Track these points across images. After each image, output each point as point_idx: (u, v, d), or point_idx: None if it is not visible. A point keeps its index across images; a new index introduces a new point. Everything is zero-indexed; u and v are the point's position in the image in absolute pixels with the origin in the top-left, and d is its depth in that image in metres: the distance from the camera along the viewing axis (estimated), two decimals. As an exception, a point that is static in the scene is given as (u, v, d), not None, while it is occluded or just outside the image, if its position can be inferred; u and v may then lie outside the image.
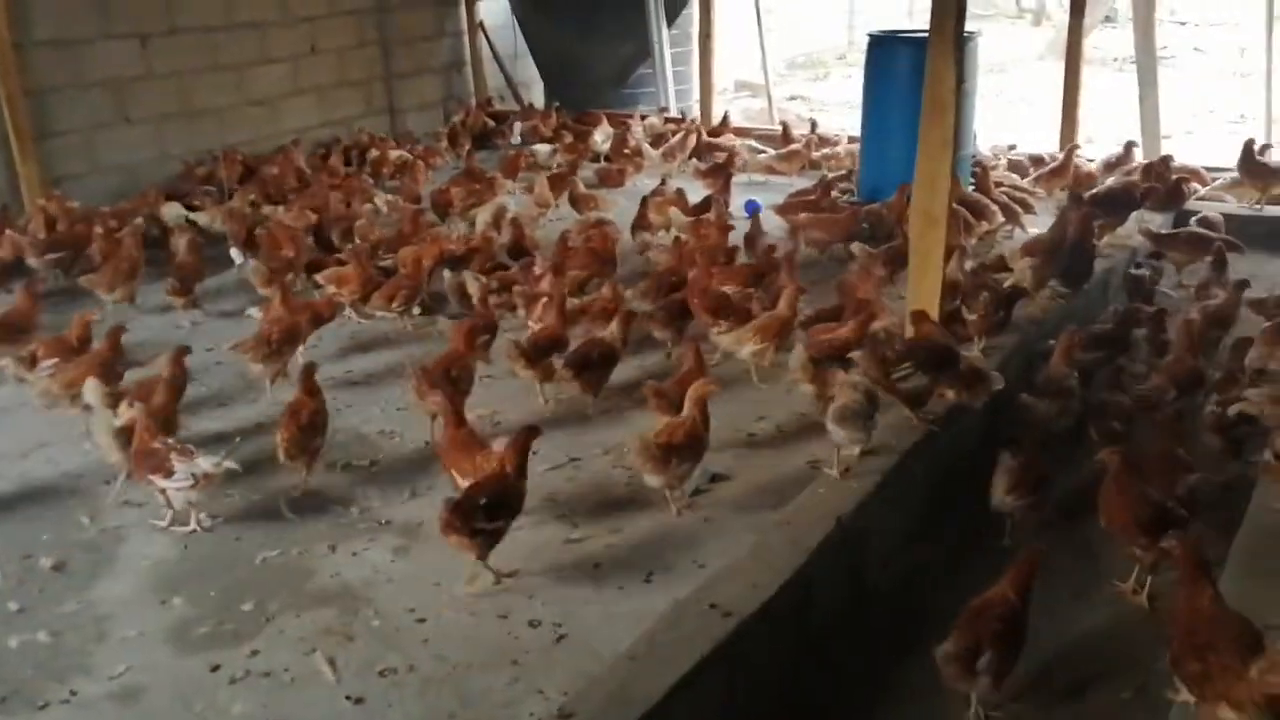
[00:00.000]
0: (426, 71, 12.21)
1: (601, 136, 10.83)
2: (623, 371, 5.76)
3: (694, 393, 4.42)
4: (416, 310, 6.58)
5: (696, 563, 4.05)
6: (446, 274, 6.59)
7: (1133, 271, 7.16)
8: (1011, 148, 9.82)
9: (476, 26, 12.55)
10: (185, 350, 5.15)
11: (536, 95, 13.26)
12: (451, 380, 4.97)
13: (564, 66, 12.71)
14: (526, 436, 4.14)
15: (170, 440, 4.44)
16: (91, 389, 4.79)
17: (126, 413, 4.58)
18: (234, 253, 7.05)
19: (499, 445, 4.20)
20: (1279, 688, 2.79)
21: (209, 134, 9.75)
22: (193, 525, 4.37)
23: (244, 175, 9.09)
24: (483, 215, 7.80)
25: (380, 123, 11.59)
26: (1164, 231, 7.48)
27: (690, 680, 3.07)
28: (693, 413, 4.36)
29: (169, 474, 4.27)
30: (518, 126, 11.53)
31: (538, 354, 5.42)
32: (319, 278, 6.51)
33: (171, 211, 7.80)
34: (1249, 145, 8.40)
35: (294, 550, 4.26)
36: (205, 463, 4.33)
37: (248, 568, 4.15)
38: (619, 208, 8.32)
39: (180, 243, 6.88)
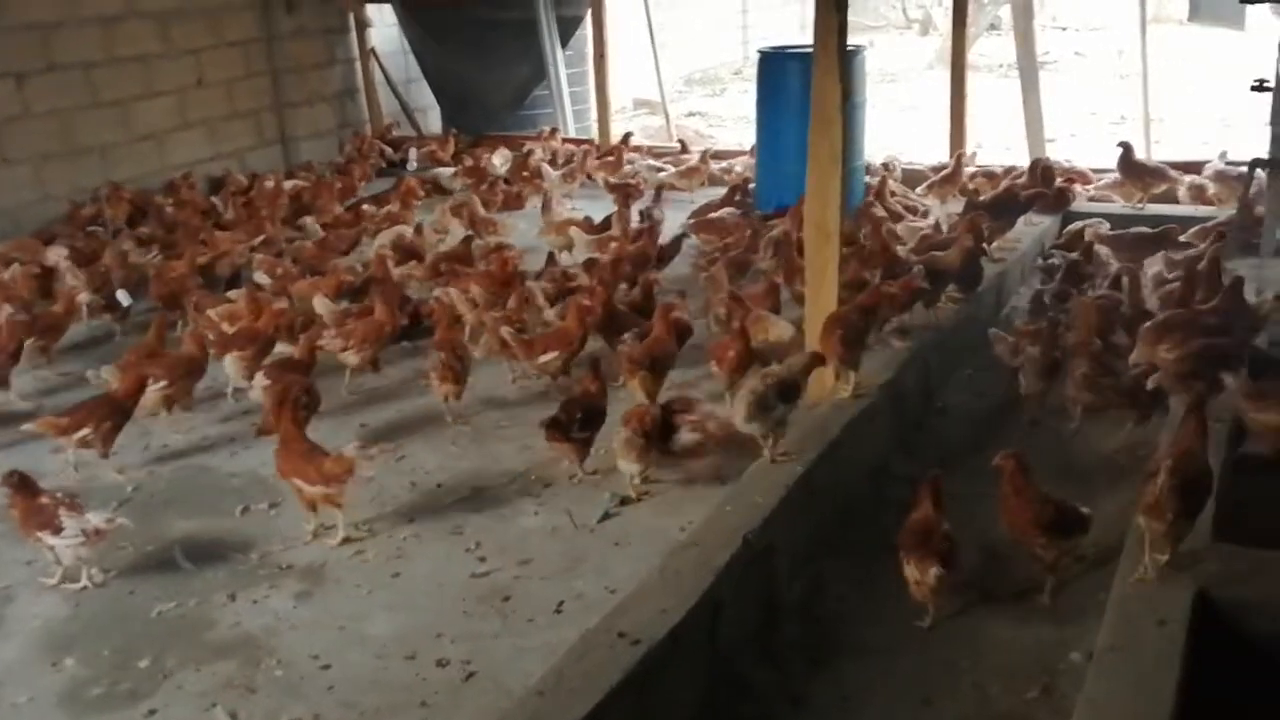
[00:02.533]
0: (319, 100, 12.01)
1: (500, 160, 10.78)
2: (528, 402, 5.75)
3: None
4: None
5: (608, 589, 4.03)
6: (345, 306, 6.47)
7: (1040, 264, 7.36)
8: (891, 162, 9.97)
9: (368, 53, 12.40)
10: None
11: (434, 120, 13.15)
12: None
13: (459, 91, 12.63)
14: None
15: (59, 495, 4.29)
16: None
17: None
18: (120, 295, 6.83)
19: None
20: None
21: (93, 172, 9.44)
22: (84, 582, 4.21)
23: (132, 214, 8.84)
24: (379, 242, 7.66)
25: (273, 153, 11.37)
26: (1113, 233, 7.60)
27: (599, 713, 3.03)
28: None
29: (58, 530, 4.11)
30: (414, 152, 11.42)
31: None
32: (211, 314, 6.34)
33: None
34: (1126, 148, 8.67)
35: (191, 601, 4.13)
36: (96, 517, 4.19)
37: (143, 622, 4.01)
38: (518, 230, 8.28)
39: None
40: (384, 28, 12.66)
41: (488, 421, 5.58)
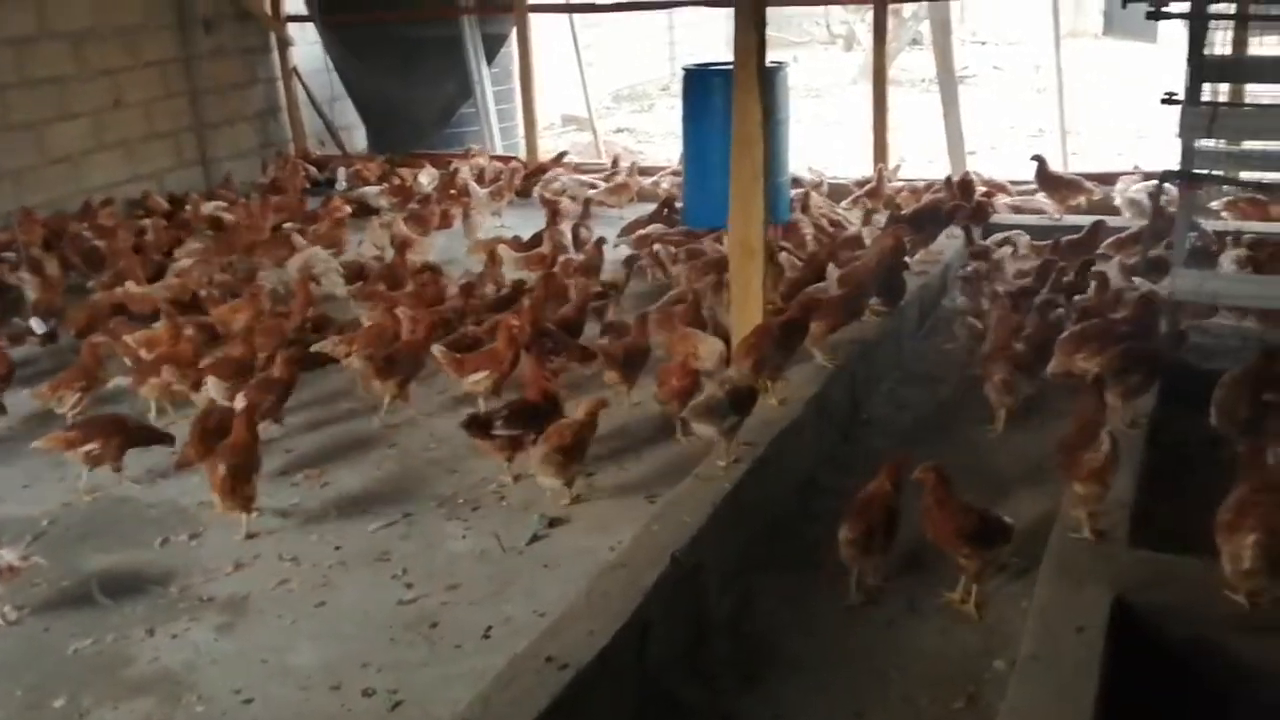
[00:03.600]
0: (240, 120, 11.85)
1: (427, 178, 10.72)
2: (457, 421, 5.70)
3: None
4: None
5: (537, 612, 4.00)
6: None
7: (962, 273, 7.48)
8: (811, 170, 10.11)
9: (291, 72, 12.27)
10: None
11: (359, 139, 13.03)
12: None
13: (384, 109, 12.55)
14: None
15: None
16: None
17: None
18: (34, 322, 6.66)
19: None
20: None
21: (5, 196, 9.21)
22: (-5, 620, 4.09)
23: (47, 239, 8.61)
24: (292, 265, 7.55)
25: (193, 174, 11.19)
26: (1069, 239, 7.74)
27: (528, 739, 3.01)
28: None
29: (-32, 568, 4.00)
30: (342, 172, 11.30)
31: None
32: (128, 340, 6.20)
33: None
34: (1041, 161, 8.86)
35: (109, 637, 4.02)
36: (9, 554, 4.08)
37: (58, 660, 3.90)
38: (445, 249, 8.23)
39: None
40: (306, 46, 12.53)
41: (414, 444, 5.52)
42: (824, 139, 13.84)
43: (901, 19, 17.65)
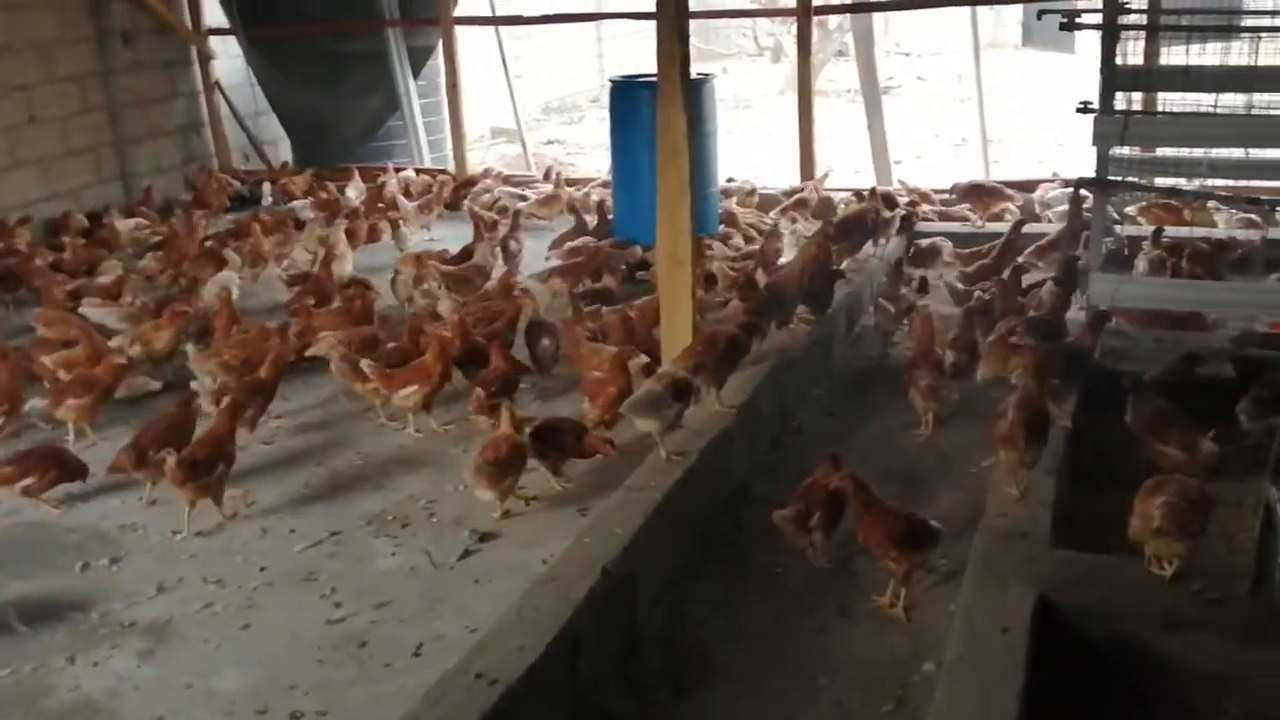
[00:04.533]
0: (161, 135, 11.64)
1: (355, 192, 10.61)
2: (391, 439, 5.66)
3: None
4: (156, 385, 6.26)
5: (469, 628, 3.98)
6: (190, 348, 6.24)
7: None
8: (730, 180, 10.20)
9: (213, 86, 12.09)
10: None
11: (285, 153, 12.86)
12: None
13: (309, 123, 12.41)
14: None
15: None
16: None
17: None
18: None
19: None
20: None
21: (-84, 216, 8.96)
22: (-94, 653, 3.96)
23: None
24: (209, 291, 7.37)
25: (112, 190, 10.95)
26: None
27: (458, 757, 2.98)
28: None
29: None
30: (268, 187, 11.14)
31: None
32: (45, 361, 6.05)
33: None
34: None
35: (27, 667, 3.91)
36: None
37: (-27, 693, 3.79)
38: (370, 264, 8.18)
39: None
40: (228, 59, 12.36)
41: (341, 462, 5.46)
42: (753, 150, 13.95)
43: (827, 31, 17.93)
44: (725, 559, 4.62)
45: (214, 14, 12.14)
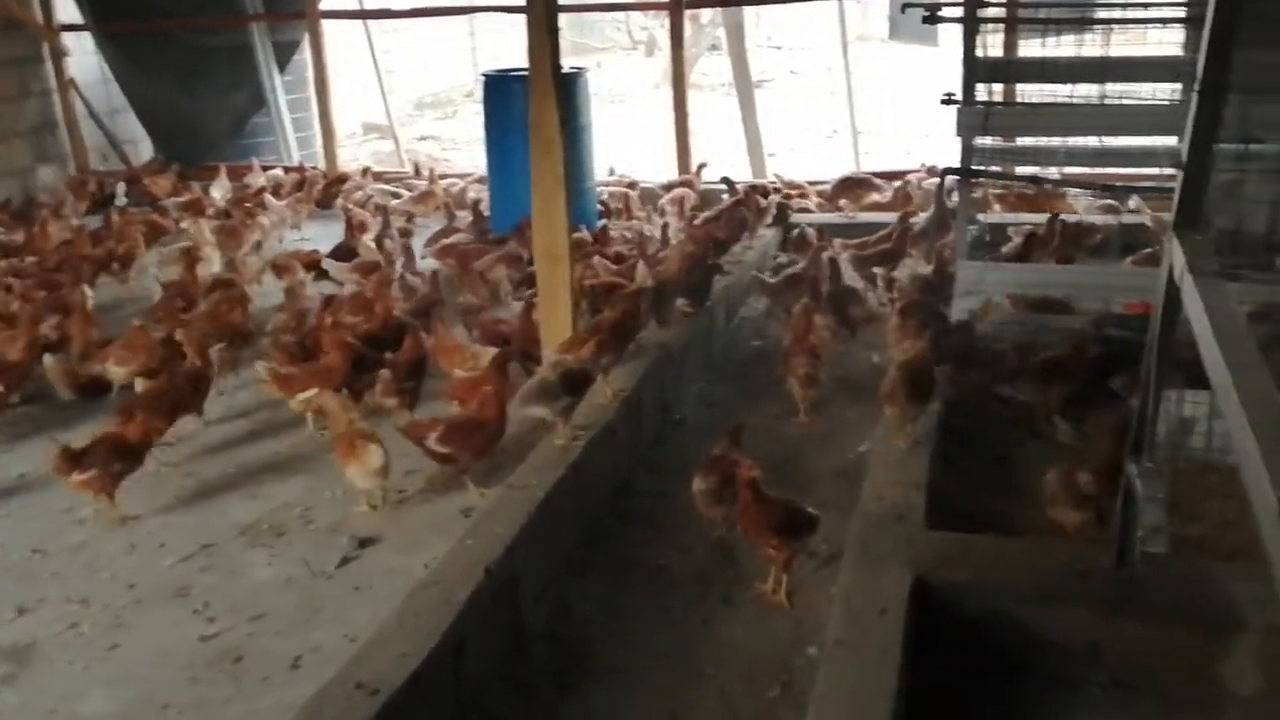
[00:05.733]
0: (12, 136, 11.10)
1: (220, 191, 10.28)
2: (264, 445, 5.51)
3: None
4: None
5: (348, 638, 3.88)
6: (47, 359, 5.96)
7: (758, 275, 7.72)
8: (611, 171, 10.26)
9: (68, 84, 11.57)
10: None
11: (146, 152, 12.39)
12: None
13: (171, 121, 11.98)
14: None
15: None
16: None
17: None
18: None
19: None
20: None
21: None
22: None
23: None
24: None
25: (-39, 194, 10.42)
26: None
27: (338, 769, 2.90)
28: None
29: None
30: (121, 187, 10.71)
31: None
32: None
33: None
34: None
35: (-126, 700, 3.69)
36: None
37: None
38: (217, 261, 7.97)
39: None
40: (84, 56, 11.85)
41: (212, 470, 5.28)
42: (629, 144, 13.97)
43: (700, 25, 18.04)
44: (610, 554, 4.62)
45: (67, 9, 11.61)
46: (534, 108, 5.18)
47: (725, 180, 9.39)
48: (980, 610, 3.77)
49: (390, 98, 13.25)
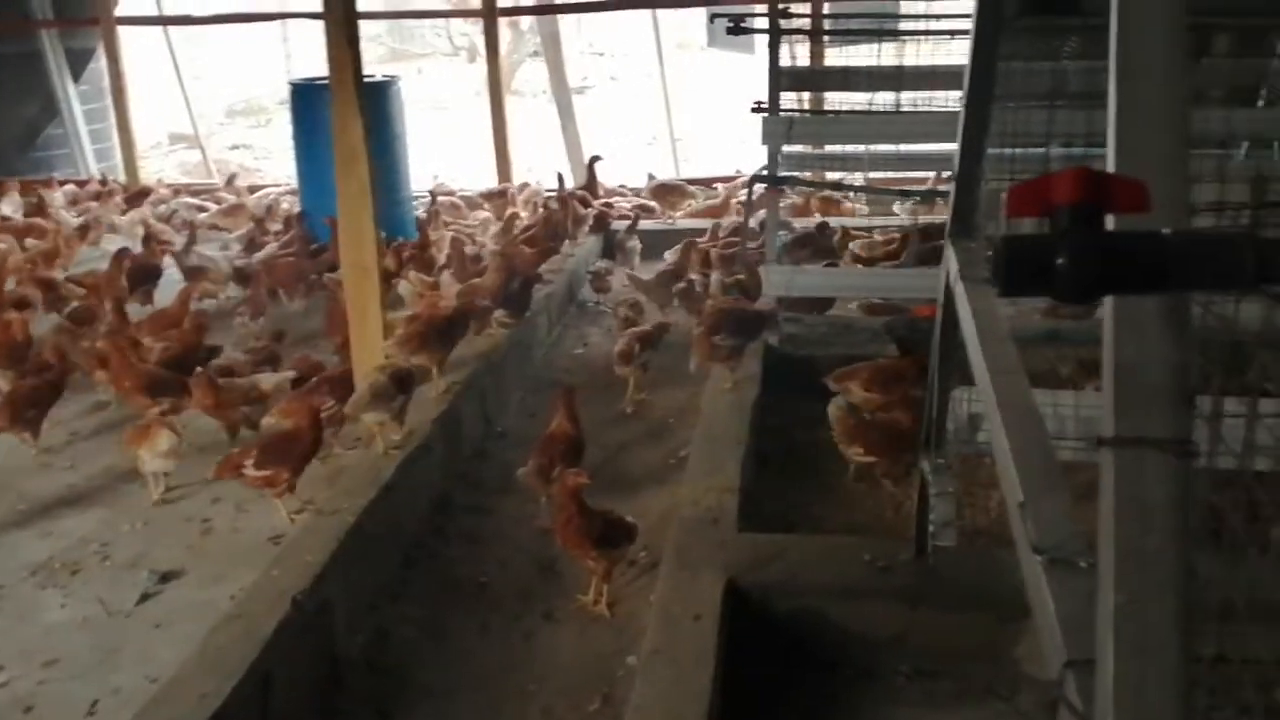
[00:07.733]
0: None
1: (10, 207, 9.67)
2: (58, 477, 5.20)
3: None
4: None
5: (149, 679, 3.68)
6: None
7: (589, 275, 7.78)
8: (436, 179, 10.16)
9: None
10: None
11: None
12: None
13: (-46, 132, 11.23)
14: None
15: None
16: None
17: None
18: None
19: None
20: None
21: None
22: None
23: None
24: None
25: None
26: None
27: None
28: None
29: None
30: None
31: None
32: None
33: None
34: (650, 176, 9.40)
35: None
36: None
37: None
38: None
39: None
40: None
41: (0, 506, 4.95)
42: (451, 152, 13.81)
43: (519, 31, 18.00)
44: (429, 574, 4.54)
45: None
46: (337, 117, 5.08)
47: (592, 159, 9.58)
48: (791, 609, 3.87)
49: (199, 105, 12.77)
